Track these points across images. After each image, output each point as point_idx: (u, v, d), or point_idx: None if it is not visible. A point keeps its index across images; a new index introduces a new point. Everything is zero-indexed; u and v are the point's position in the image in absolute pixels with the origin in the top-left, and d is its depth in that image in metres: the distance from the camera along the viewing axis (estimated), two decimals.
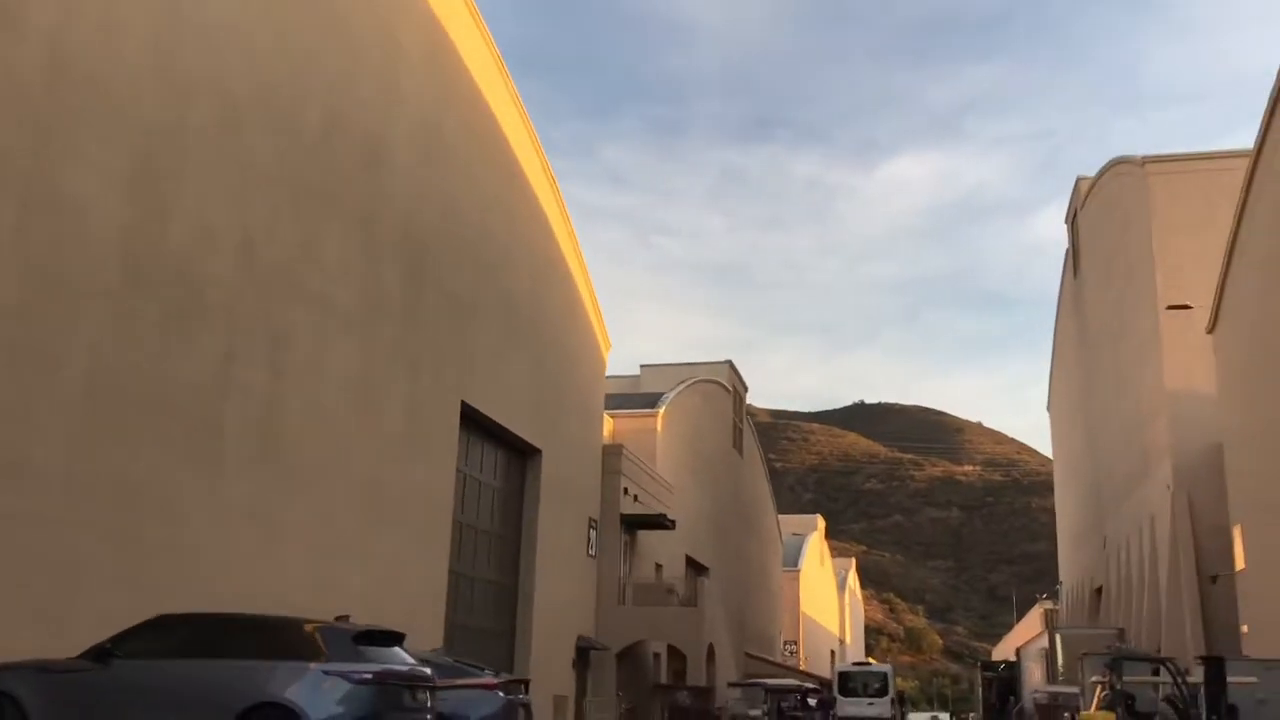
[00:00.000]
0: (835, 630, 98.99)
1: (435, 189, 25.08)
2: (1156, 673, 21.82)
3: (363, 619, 14.71)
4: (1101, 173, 46.43)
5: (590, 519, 34.50)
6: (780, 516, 78.27)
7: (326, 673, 10.35)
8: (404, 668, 10.99)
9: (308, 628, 11.08)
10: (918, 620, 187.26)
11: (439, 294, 24.85)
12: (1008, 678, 52.83)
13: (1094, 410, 51.28)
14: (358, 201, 21.64)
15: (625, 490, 35.93)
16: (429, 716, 10.96)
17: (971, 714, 79.97)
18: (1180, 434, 37.67)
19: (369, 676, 10.44)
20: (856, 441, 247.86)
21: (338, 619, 12.44)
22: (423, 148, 24.54)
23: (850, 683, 36.78)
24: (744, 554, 58.83)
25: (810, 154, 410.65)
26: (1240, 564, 30.46)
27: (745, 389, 60.19)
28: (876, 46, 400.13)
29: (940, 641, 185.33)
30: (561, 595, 31.81)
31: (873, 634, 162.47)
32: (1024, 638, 79.65)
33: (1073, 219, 55.48)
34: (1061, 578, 65.45)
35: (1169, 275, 38.46)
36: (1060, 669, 38.42)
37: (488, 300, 27.66)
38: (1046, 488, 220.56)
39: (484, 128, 28.27)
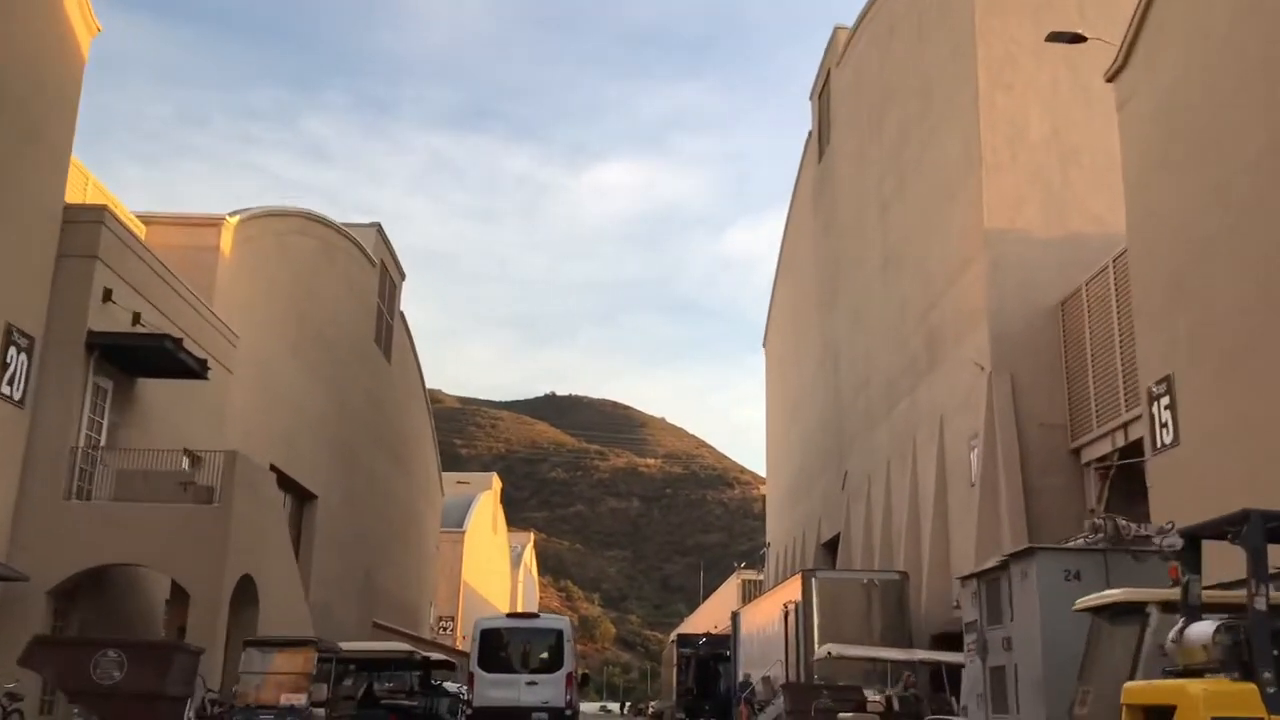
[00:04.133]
0: (505, 610, 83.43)
1: None
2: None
3: None
4: None
5: (13, 329, 16.89)
6: (445, 474, 61.87)
7: None
8: None
9: None
10: (593, 609, 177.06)
11: None
12: (710, 655, 39.24)
13: (842, 314, 38.49)
14: None
15: (109, 296, 18.46)
16: None
17: (653, 703, 66.36)
18: (1001, 294, 24.78)
19: None
20: (545, 431, 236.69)
21: None
22: None
23: (499, 649, 20.81)
24: (384, 493, 41.98)
25: (522, 150, 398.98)
26: (1159, 441, 17.30)
27: (402, 275, 43.39)
28: (591, 52, 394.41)
29: (614, 630, 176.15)
30: None
31: None
32: (715, 615, 67.18)
33: (821, 89, 42.92)
34: (769, 539, 52.92)
35: (996, 69, 25.63)
36: (817, 631, 24.59)
37: None
38: (722, 482, 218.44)
39: None
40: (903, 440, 30.20)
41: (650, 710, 60.49)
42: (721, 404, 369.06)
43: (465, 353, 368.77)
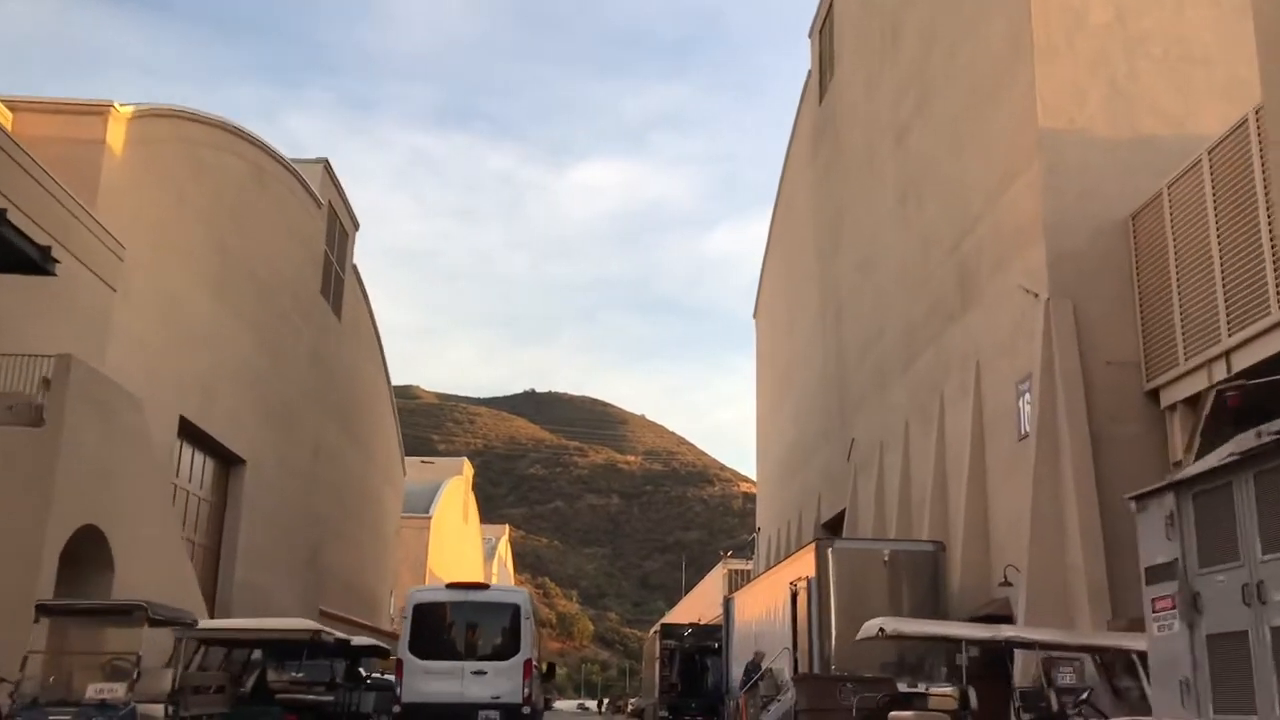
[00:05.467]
0: None
1: None
2: None
3: None
4: None
5: None
6: (409, 457, 57.16)
7: None
8: None
9: None
10: (570, 606, 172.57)
11: None
12: (697, 648, 34.70)
13: (847, 265, 33.93)
14: None
15: None
16: None
17: (632, 700, 61.71)
18: (1060, 205, 20.23)
19: None
20: (524, 427, 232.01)
21: None
22: None
23: (439, 630, 16.04)
24: (333, 465, 37.14)
25: (505, 149, 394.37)
26: None
27: (355, 224, 38.58)
28: (574, 52, 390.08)
29: (592, 628, 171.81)
30: None
31: None
32: (698, 608, 62.58)
33: (822, 22, 38.43)
34: (759, 525, 48.36)
35: None
36: (834, 612, 20.01)
37: None
38: (703, 479, 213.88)
39: None
40: (926, 396, 25.61)
41: (630, 708, 55.87)
42: (703, 403, 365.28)
43: (446, 351, 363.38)
